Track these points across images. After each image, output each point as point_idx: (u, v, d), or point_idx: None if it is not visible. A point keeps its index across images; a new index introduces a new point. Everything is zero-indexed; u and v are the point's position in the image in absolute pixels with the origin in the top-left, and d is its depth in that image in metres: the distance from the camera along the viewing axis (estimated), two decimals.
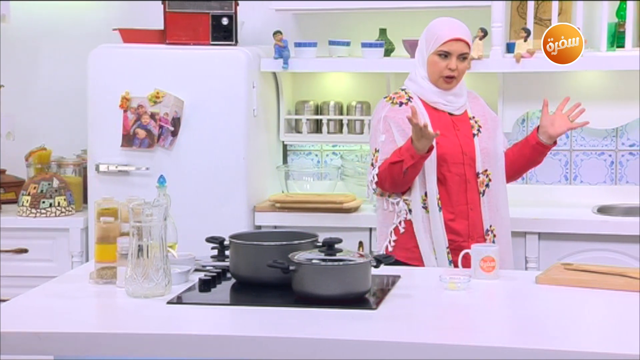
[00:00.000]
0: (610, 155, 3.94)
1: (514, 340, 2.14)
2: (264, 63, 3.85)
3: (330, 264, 2.39)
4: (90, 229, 3.69)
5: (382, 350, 2.10)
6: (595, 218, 3.63)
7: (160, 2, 3.84)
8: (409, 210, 2.98)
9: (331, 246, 2.44)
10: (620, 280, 2.51)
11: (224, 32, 3.79)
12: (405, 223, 2.99)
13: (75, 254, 3.86)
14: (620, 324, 2.24)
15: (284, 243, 2.54)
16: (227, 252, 2.66)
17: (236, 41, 3.83)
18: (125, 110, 3.75)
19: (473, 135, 3.03)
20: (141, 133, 3.76)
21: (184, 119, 3.74)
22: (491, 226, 3.03)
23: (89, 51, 3.80)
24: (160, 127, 3.75)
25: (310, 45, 3.89)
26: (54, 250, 3.85)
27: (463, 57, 2.99)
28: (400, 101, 3.02)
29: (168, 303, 2.40)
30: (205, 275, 2.57)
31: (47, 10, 4.20)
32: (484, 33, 3.67)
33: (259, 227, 3.76)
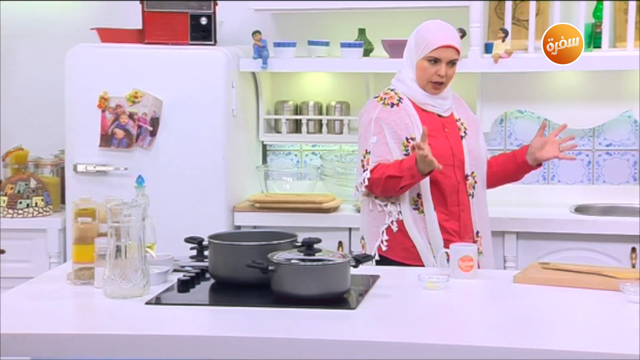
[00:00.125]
0: (587, 155, 3.97)
1: (491, 339, 2.16)
2: (243, 63, 3.85)
3: (309, 264, 2.39)
4: (68, 230, 3.68)
5: (361, 349, 2.10)
6: (573, 217, 3.66)
7: (138, 2, 3.83)
8: (399, 212, 2.96)
9: (310, 246, 2.44)
10: (596, 279, 2.53)
11: (202, 32, 3.78)
12: (397, 223, 2.97)
13: (53, 254, 3.84)
14: (597, 323, 2.26)
15: (263, 243, 2.53)
16: (206, 253, 2.66)
17: (215, 41, 3.82)
18: (103, 110, 3.74)
19: (461, 137, 3.04)
20: (119, 133, 3.74)
21: (162, 119, 3.73)
22: (479, 231, 3.05)
23: (66, 51, 3.78)
24: (139, 127, 3.73)
25: (290, 45, 3.89)
26: (31, 251, 3.83)
27: (452, 63, 2.99)
28: (391, 102, 3.00)
29: (146, 304, 2.39)
30: (184, 275, 2.57)
31: (25, 9, 4.18)
32: (463, 33, 3.68)
33: (239, 227, 3.76)
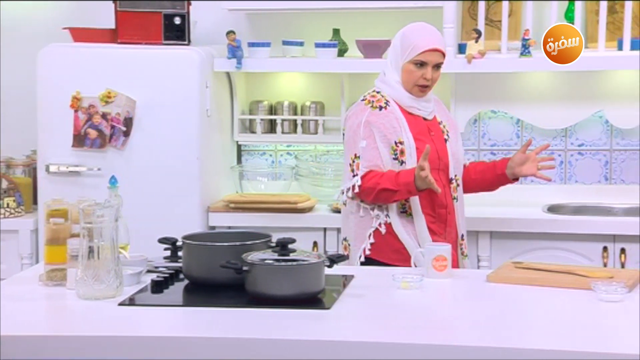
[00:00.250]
0: (559, 155, 4.01)
1: (465, 338, 2.17)
2: (217, 63, 3.84)
3: (283, 264, 2.39)
4: (40, 231, 3.64)
5: (335, 349, 2.10)
6: (546, 217, 3.69)
7: (111, 1, 3.81)
8: (387, 215, 2.95)
9: (284, 246, 2.44)
10: (568, 278, 2.55)
11: (176, 32, 3.76)
12: (385, 226, 2.95)
13: (25, 255, 3.80)
14: (569, 321, 2.28)
15: (237, 243, 2.53)
16: (180, 253, 2.64)
17: (189, 41, 3.81)
18: (76, 110, 3.71)
19: (445, 140, 3.04)
20: (92, 133, 3.71)
21: (136, 119, 3.71)
22: (463, 234, 3.06)
23: (38, 50, 3.75)
24: (112, 127, 3.71)
25: (264, 45, 3.88)
26: (3, 252, 3.79)
27: (437, 66, 2.99)
28: (379, 105, 2.98)
29: (119, 305, 2.38)
30: (157, 276, 2.55)
31: None
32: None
33: (213, 228, 3.75)
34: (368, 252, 2.97)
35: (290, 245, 2.44)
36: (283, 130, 4.02)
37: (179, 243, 2.64)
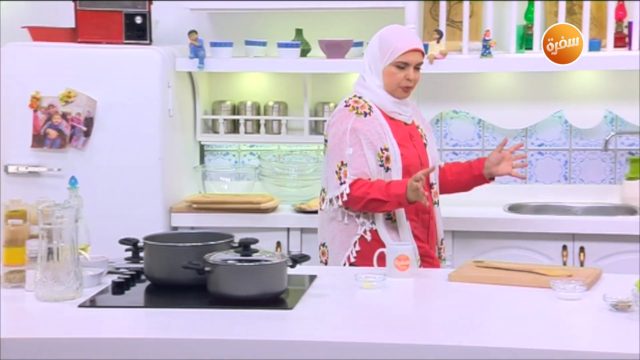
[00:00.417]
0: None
1: (426, 337, 2.18)
2: (179, 63, 3.82)
3: (245, 264, 2.38)
4: None
5: (297, 349, 2.11)
6: (507, 216, 3.72)
7: (71, 1, 3.77)
8: (372, 222, 2.93)
9: (247, 246, 2.43)
10: (528, 276, 2.58)
11: (137, 31, 3.74)
12: (371, 233, 2.93)
13: None
14: (528, 319, 2.30)
15: (199, 244, 2.52)
16: (142, 254, 2.62)
17: (150, 40, 3.78)
18: (35, 110, 3.67)
19: (424, 145, 3.05)
20: (52, 133, 3.68)
21: (97, 119, 3.68)
22: (443, 239, 3.06)
23: None
24: (73, 127, 3.68)
25: (226, 45, 3.87)
26: None
27: (417, 67, 2.99)
28: (364, 111, 2.95)
29: (80, 306, 2.36)
30: (118, 277, 2.54)
31: None
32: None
33: (176, 228, 3.73)
34: (353, 260, 2.94)
35: (252, 246, 2.44)
36: (246, 130, 4.01)
37: (141, 244, 2.62)
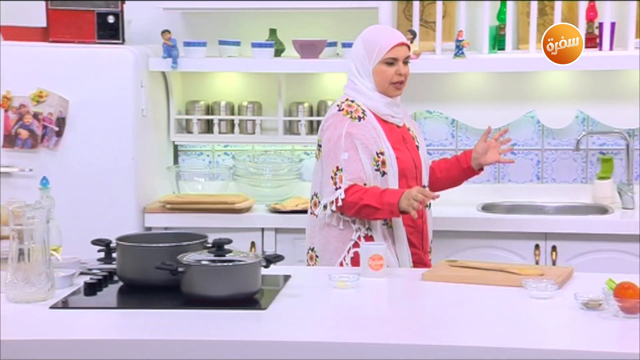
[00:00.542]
0: None
1: (399, 336, 2.19)
2: (153, 62, 3.80)
3: (219, 264, 2.38)
4: None
5: (271, 350, 2.11)
6: (480, 216, 3.74)
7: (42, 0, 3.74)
8: (368, 228, 2.92)
9: (220, 247, 2.43)
10: (500, 275, 2.60)
11: (110, 31, 3.71)
12: (366, 239, 2.91)
13: None
14: (500, 318, 2.32)
15: (172, 244, 2.51)
16: (115, 255, 2.61)
17: (123, 40, 3.76)
18: (6, 110, 3.64)
19: (416, 147, 3.04)
20: (24, 133, 3.64)
21: (69, 119, 3.65)
22: (432, 241, 3.07)
23: None
24: (44, 127, 3.65)
25: (200, 44, 3.86)
26: None
27: (406, 61, 2.99)
28: (358, 115, 2.94)
29: (51, 308, 2.34)
30: (91, 278, 2.52)
31: None
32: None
33: (149, 229, 3.71)
34: (346, 266, 2.92)
35: (226, 246, 2.43)
36: (220, 130, 4.00)
37: (113, 245, 2.61)
